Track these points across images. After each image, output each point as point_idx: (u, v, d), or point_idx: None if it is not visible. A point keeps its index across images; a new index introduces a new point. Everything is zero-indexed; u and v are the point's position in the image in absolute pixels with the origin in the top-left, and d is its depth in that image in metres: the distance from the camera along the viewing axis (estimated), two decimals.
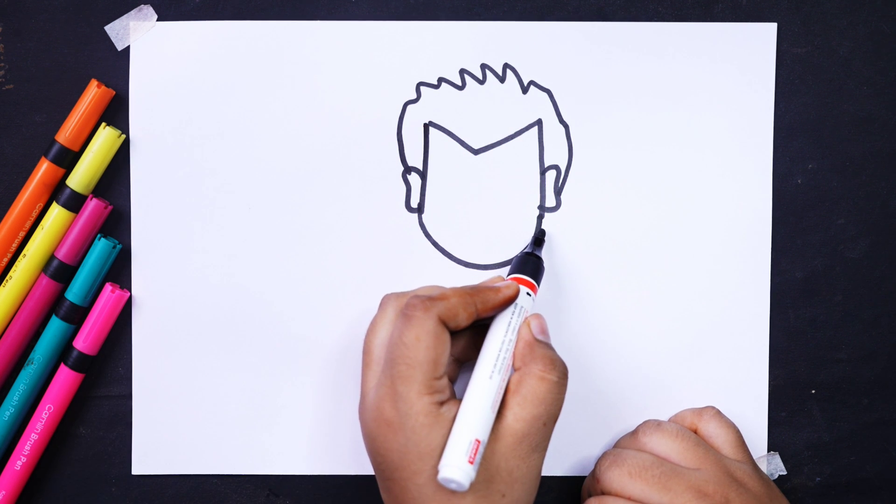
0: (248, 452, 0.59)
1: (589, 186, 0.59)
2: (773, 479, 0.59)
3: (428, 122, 0.59)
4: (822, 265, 0.59)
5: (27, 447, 0.58)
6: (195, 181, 0.59)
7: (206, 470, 0.59)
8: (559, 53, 0.58)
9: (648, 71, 0.58)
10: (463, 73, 0.58)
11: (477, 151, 0.59)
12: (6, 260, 0.58)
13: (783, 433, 0.59)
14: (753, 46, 0.58)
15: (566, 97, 0.59)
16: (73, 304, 0.57)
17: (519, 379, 0.51)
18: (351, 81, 0.58)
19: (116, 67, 0.58)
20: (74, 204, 0.57)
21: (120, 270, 0.59)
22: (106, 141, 0.57)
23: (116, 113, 0.58)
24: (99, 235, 0.57)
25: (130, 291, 0.59)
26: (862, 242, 0.59)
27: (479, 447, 0.48)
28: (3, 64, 0.58)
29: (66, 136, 0.57)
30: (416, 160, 0.59)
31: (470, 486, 0.48)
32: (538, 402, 0.50)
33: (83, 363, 0.58)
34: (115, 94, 0.58)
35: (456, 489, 0.48)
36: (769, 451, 0.59)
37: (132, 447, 0.59)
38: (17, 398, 0.58)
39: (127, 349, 0.59)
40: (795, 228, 0.59)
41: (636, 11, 0.58)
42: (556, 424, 0.52)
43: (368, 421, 0.51)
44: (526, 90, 0.58)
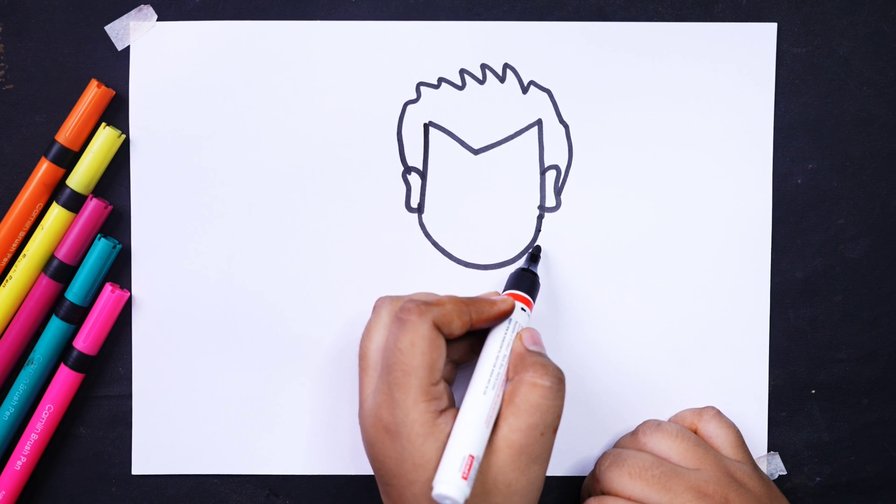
0: (248, 452, 0.59)
1: (589, 186, 0.59)
2: (773, 479, 0.59)
3: (428, 122, 0.59)
4: (822, 265, 0.59)
5: (27, 447, 0.58)
6: (195, 181, 0.59)
7: (206, 470, 0.59)
8: (559, 53, 0.58)
9: (648, 71, 0.58)
10: (463, 73, 0.58)
11: (477, 151, 0.59)
12: (6, 260, 0.58)
13: (783, 433, 0.59)
14: (753, 46, 0.58)
15: (566, 97, 0.59)
16: (73, 304, 0.57)
17: (512, 389, 0.51)
18: (351, 81, 0.58)
19: (116, 67, 0.58)
20: (74, 204, 0.57)
21: (120, 270, 0.59)
22: (106, 141, 0.57)
23: (116, 113, 0.58)
24: (99, 235, 0.57)
25: (130, 291, 0.59)
26: (862, 242, 0.59)
27: (472, 462, 0.48)
28: (3, 64, 0.58)
29: (66, 136, 0.57)
30: (416, 160, 0.59)
31: (465, 501, 0.48)
32: (532, 410, 0.50)
33: (83, 363, 0.58)
34: (115, 94, 0.58)
35: None
36: (769, 451, 0.59)
37: (132, 447, 0.59)
38: (17, 398, 0.58)
39: (127, 349, 0.59)
40: (795, 228, 0.59)
41: (636, 11, 0.58)
42: (556, 433, 0.51)
43: (367, 427, 0.51)
44: (526, 90, 0.58)
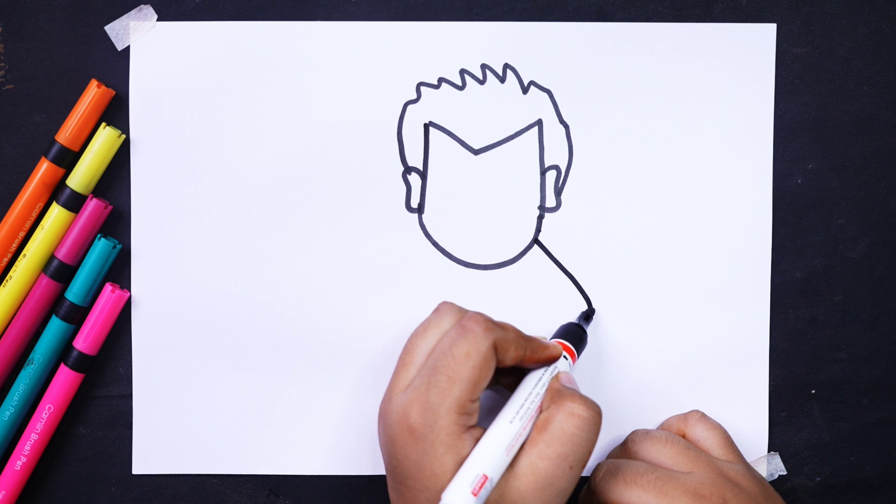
0: (248, 452, 0.59)
1: (589, 186, 0.59)
2: (773, 479, 0.59)
3: (428, 122, 0.59)
4: (822, 265, 0.59)
5: (27, 447, 0.58)
6: (195, 181, 0.59)
7: (206, 470, 0.59)
8: (559, 53, 0.58)
9: (648, 71, 0.58)
10: (463, 73, 0.58)
11: (477, 151, 0.59)
12: (6, 260, 0.58)
13: (783, 433, 0.59)
14: (753, 47, 0.58)
15: (566, 97, 0.59)
16: (73, 304, 0.57)
17: (547, 417, 0.50)
18: (351, 82, 0.58)
19: (116, 67, 0.58)
20: (74, 204, 0.57)
21: (120, 270, 0.59)
22: (106, 141, 0.57)
23: (116, 113, 0.58)
24: (99, 235, 0.57)
25: (130, 291, 0.59)
26: (862, 242, 0.59)
27: (485, 482, 0.47)
28: (3, 64, 0.58)
29: (66, 136, 0.57)
30: (416, 160, 0.59)
31: None
32: (565, 440, 0.49)
33: (83, 363, 0.58)
34: (115, 94, 0.58)
35: None
36: (769, 451, 0.59)
37: (132, 447, 0.59)
38: (17, 398, 0.58)
39: (127, 349, 0.59)
40: (795, 228, 0.59)
41: (636, 11, 0.58)
42: (583, 471, 0.50)
43: (391, 422, 0.50)
44: (526, 90, 0.59)
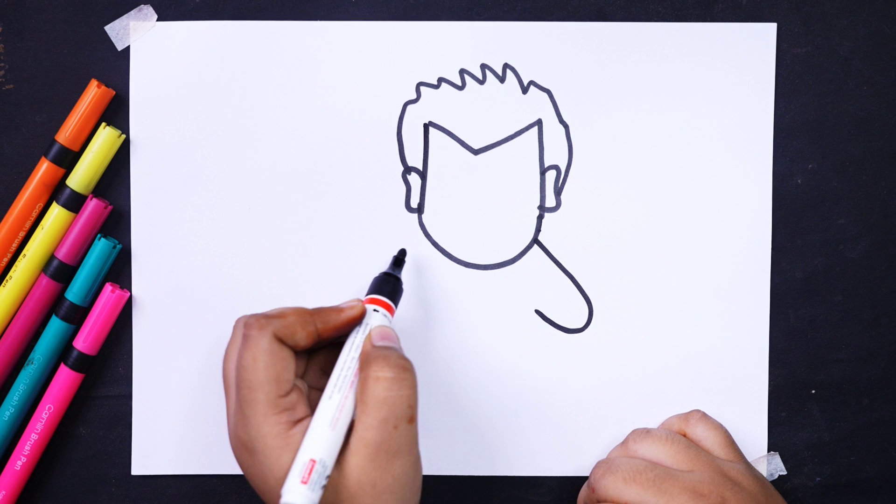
0: None
1: (589, 186, 0.59)
2: (773, 479, 0.59)
3: (428, 122, 0.59)
4: (822, 265, 0.59)
5: (27, 447, 0.58)
6: (195, 181, 0.59)
7: (206, 470, 0.59)
8: (559, 53, 0.58)
9: (648, 71, 0.58)
10: (463, 73, 0.58)
11: (477, 151, 0.59)
12: (6, 260, 0.58)
13: (783, 433, 0.59)
14: (753, 46, 0.58)
15: (566, 97, 0.59)
16: (73, 304, 0.57)
17: (360, 387, 0.49)
18: (351, 81, 0.58)
19: (116, 67, 0.58)
20: (74, 204, 0.57)
21: (120, 270, 0.59)
22: (106, 141, 0.57)
23: (116, 113, 0.58)
24: (99, 235, 0.57)
25: (130, 291, 0.59)
26: (862, 242, 0.59)
27: (314, 466, 0.46)
28: (3, 64, 0.58)
29: (66, 136, 0.57)
30: (415, 160, 0.59)
31: None
32: (379, 404, 0.48)
33: (83, 363, 0.58)
34: (115, 94, 0.58)
35: None
36: (769, 451, 0.59)
37: (132, 447, 0.59)
38: (17, 398, 0.58)
39: (127, 349, 0.59)
40: (795, 228, 0.59)
41: (636, 11, 0.58)
42: (415, 424, 0.49)
43: (233, 448, 0.50)
44: (526, 90, 0.58)
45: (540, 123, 0.59)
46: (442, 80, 0.58)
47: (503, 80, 0.58)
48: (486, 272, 0.59)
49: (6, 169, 0.59)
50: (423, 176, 0.59)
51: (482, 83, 0.58)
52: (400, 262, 0.57)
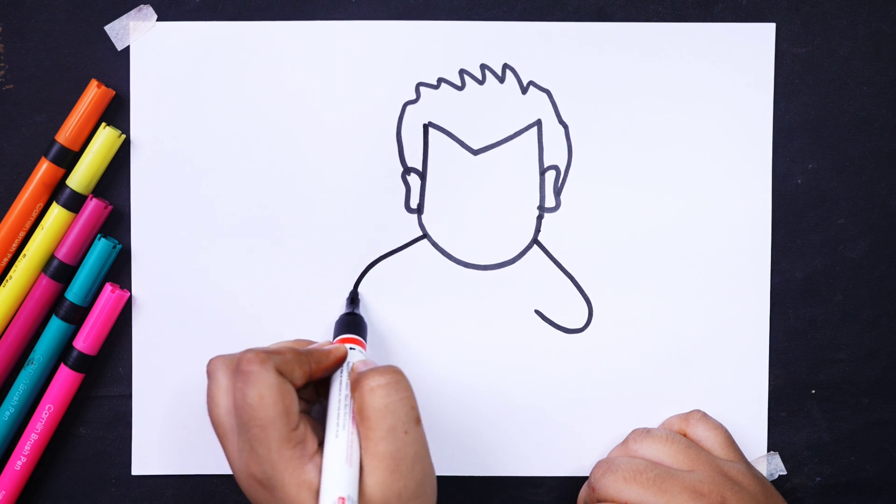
0: None
1: (589, 186, 0.59)
2: (772, 479, 0.59)
3: (427, 122, 0.59)
4: (822, 265, 0.59)
5: (27, 447, 0.58)
6: (195, 181, 0.59)
7: (206, 470, 0.59)
8: (559, 53, 0.58)
9: (648, 71, 0.58)
10: (462, 73, 0.58)
11: (476, 152, 0.59)
12: (6, 260, 0.58)
13: (783, 433, 0.59)
14: (753, 46, 0.58)
15: (565, 97, 0.59)
16: (73, 304, 0.57)
17: (357, 408, 0.48)
18: (350, 81, 0.58)
19: (116, 67, 0.58)
20: (74, 204, 0.57)
21: (120, 270, 0.59)
22: (106, 141, 0.57)
23: (116, 113, 0.58)
24: (99, 235, 0.57)
25: (130, 291, 0.59)
26: (862, 242, 0.59)
27: (345, 503, 0.46)
28: (3, 64, 0.58)
29: (66, 136, 0.57)
30: (415, 161, 0.59)
31: None
32: (382, 414, 0.47)
33: (83, 363, 0.58)
34: (115, 94, 0.58)
35: None
36: (769, 451, 0.59)
37: (132, 447, 0.59)
38: (17, 398, 0.58)
39: (127, 349, 0.59)
40: (795, 228, 0.59)
41: (636, 12, 0.58)
42: (421, 425, 0.48)
43: (245, 487, 0.49)
44: (525, 90, 0.58)
45: (539, 124, 0.59)
46: (441, 80, 0.58)
47: (503, 80, 0.58)
48: (485, 272, 0.59)
49: (6, 169, 0.59)
50: (422, 176, 0.59)
51: (482, 83, 0.58)
52: (354, 299, 0.58)
